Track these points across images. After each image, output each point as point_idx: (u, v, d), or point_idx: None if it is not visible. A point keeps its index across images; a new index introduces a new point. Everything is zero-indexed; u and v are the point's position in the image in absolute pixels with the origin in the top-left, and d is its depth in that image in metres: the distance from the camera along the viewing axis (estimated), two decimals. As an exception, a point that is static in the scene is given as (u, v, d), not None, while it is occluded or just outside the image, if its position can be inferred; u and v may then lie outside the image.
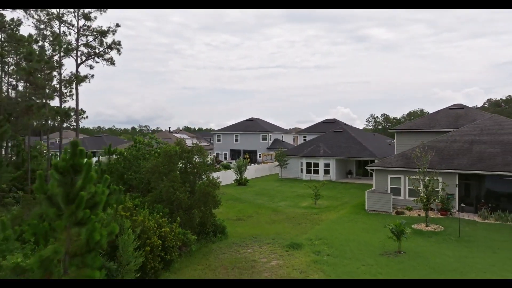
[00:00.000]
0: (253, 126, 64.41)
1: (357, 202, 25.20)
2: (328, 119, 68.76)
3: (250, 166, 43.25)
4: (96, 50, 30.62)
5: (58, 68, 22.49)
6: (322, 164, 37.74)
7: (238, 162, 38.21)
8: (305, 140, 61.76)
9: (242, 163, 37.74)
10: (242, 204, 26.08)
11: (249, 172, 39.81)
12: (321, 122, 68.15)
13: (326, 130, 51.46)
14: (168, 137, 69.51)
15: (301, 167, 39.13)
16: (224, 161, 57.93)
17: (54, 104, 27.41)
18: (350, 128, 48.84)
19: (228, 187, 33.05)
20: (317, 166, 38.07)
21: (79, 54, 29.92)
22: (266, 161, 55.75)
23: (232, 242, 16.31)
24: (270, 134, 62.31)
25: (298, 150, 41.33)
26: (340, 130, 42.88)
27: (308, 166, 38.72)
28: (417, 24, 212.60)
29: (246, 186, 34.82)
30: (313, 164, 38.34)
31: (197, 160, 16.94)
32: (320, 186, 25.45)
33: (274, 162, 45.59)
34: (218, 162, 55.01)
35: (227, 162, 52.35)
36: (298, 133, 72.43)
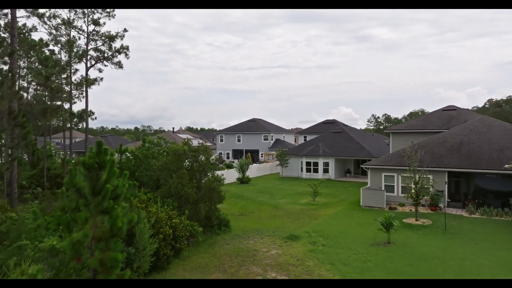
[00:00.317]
0: (255, 127, 65.66)
1: (353, 199, 26.52)
2: (327, 120, 70.07)
3: (252, 165, 44.54)
4: (105, 54, 32.14)
5: (72, 73, 23.91)
6: (321, 163, 39.04)
7: (240, 162, 39.52)
8: (305, 140, 63.01)
9: (244, 163, 39.07)
10: (245, 201, 27.44)
11: (251, 171, 41.10)
12: (321, 123, 69.45)
13: (326, 130, 52.74)
14: (172, 137, 70.86)
15: (301, 166, 40.46)
16: (226, 160, 59.29)
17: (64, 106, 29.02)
18: (348, 128, 50.09)
19: (231, 185, 34.38)
20: (316, 165, 39.38)
21: (89, 57, 31.48)
22: (267, 160, 57.08)
23: (235, 234, 17.66)
24: (271, 134, 63.55)
25: (298, 150, 42.64)
26: (339, 131, 44.16)
27: (308, 165, 40.03)
28: (419, 24, 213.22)
29: (248, 185, 36.15)
30: (312, 163, 39.65)
31: (202, 158, 18.33)
32: (318, 184, 26.80)
33: (275, 161, 46.88)
34: (221, 161, 56.36)
35: (230, 162, 53.67)
36: (298, 133, 73.70)
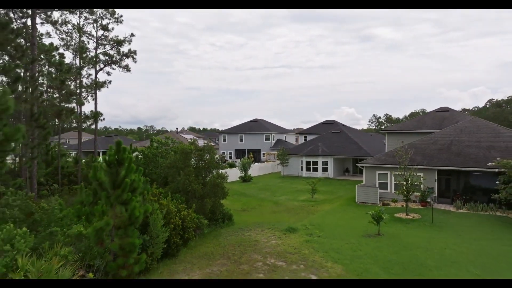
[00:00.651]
0: (257, 127, 67.10)
1: (350, 196, 27.92)
2: (327, 120, 71.54)
3: (254, 164, 46.00)
4: (113, 58, 33.64)
5: (85, 77, 25.44)
6: (320, 162, 40.45)
7: (242, 161, 40.99)
8: (305, 140, 64.44)
9: (246, 162, 40.54)
10: (247, 198, 28.92)
11: (253, 170, 42.55)
12: (321, 123, 70.89)
13: (326, 130, 54.15)
14: (175, 137, 72.37)
15: (301, 165, 41.87)
16: (229, 160, 60.81)
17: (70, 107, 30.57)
18: (347, 128, 51.47)
19: (233, 184, 35.86)
20: (316, 164, 40.79)
21: (97, 61, 32.98)
22: (269, 160, 58.53)
23: (238, 227, 19.12)
24: (273, 135, 64.97)
25: (298, 150, 44.06)
26: (338, 131, 45.55)
27: (308, 164, 41.45)
28: (423, 23, 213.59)
29: (250, 183, 37.60)
30: (312, 162, 41.07)
31: (207, 157, 19.79)
32: (316, 182, 28.24)
33: (276, 161, 48.33)
34: (224, 161, 57.90)
35: (232, 161, 55.18)
36: (299, 133, 75.14)
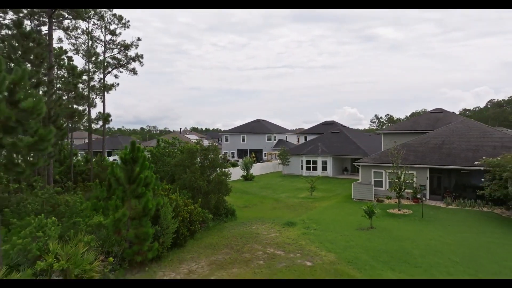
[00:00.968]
0: (258, 127, 68.48)
1: (347, 193, 29.23)
2: (327, 121, 72.92)
3: (256, 164, 47.38)
4: (120, 62, 35.11)
5: (96, 81, 26.91)
6: (320, 161, 41.79)
7: (245, 160, 42.39)
8: (305, 140, 65.77)
9: (248, 161, 41.94)
10: (249, 195, 30.30)
11: (254, 169, 43.93)
12: (321, 124, 72.29)
13: (326, 131, 55.47)
14: (179, 137, 73.85)
15: (301, 165, 43.22)
16: (232, 159, 62.23)
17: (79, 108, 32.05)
18: (346, 129, 52.81)
19: (236, 182, 37.21)
20: (316, 163, 42.13)
21: (106, 65, 34.46)
22: (270, 159, 59.91)
23: (240, 222, 20.51)
24: (274, 135, 66.34)
25: (299, 149, 45.41)
26: (337, 131, 46.88)
27: (308, 163, 42.80)
28: (424, 23, 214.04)
29: (252, 181, 38.99)
30: (312, 161, 42.41)
31: (212, 156, 21.18)
32: (315, 180, 29.59)
33: (278, 160, 49.70)
34: (226, 160, 59.32)
35: (235, 161, 56.60)
36: (300, 133, 76.50)
